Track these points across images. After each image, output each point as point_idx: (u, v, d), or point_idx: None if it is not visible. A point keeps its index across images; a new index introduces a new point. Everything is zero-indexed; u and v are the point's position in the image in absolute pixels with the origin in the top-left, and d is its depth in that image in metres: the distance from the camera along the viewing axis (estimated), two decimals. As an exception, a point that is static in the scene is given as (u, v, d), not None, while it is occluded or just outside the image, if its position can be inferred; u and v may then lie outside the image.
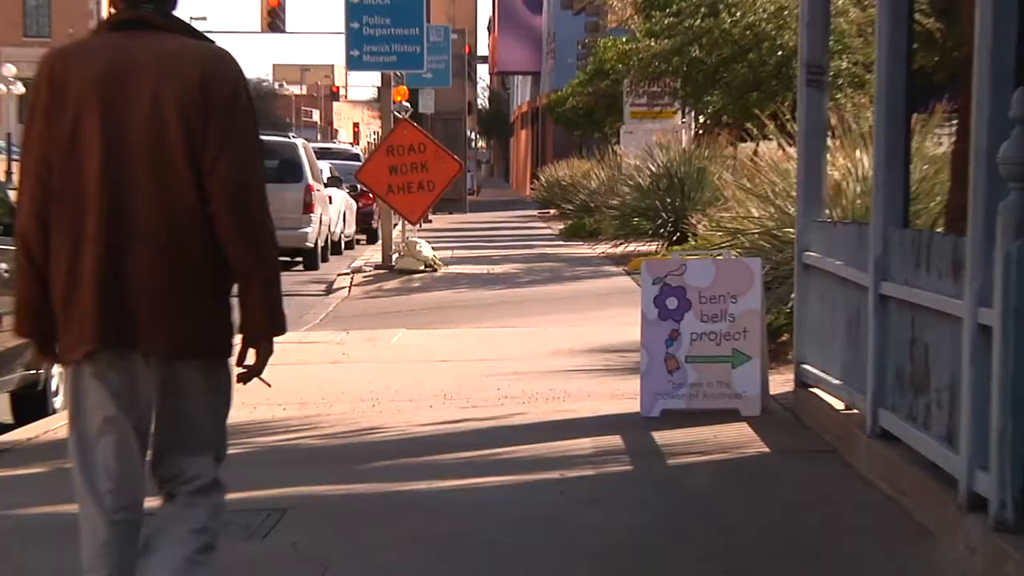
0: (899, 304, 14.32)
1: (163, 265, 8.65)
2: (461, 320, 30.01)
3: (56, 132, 8.51)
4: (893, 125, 15.73)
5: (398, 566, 12.33)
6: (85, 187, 8.47)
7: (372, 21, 35.76)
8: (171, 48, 8.76)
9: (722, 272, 19.00)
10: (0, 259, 18.58)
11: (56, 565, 12.58)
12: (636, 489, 15.49)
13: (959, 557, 11.68)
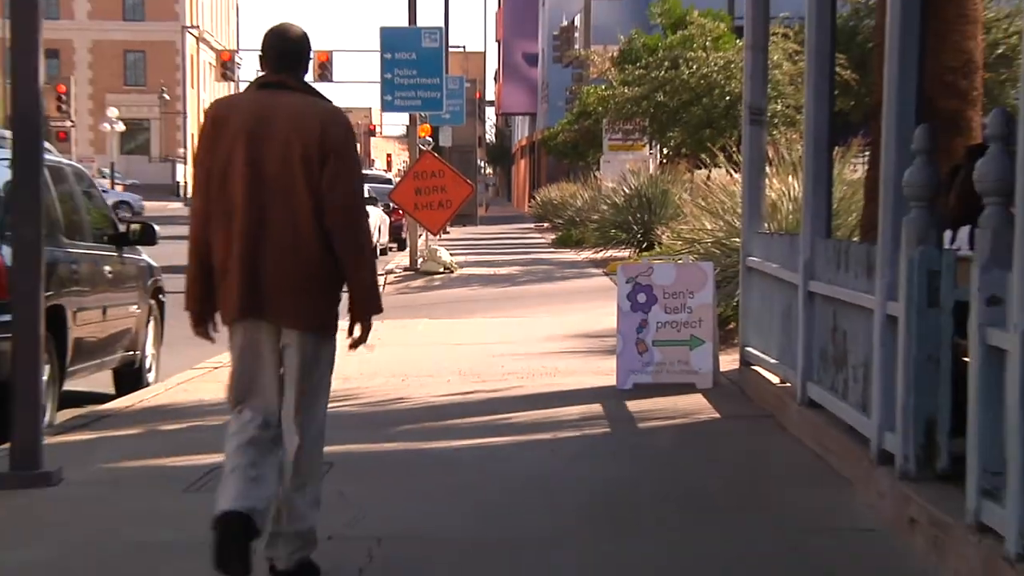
0: (823, 299, 14.40)
1: (285, 263, 10.03)
2: (473, 312, 30.08)
3: (215, 160, 10.01)
4: (818, 156, 15.81)
5: (422, 510, 12.37)
6: (233, 203, 9.93)
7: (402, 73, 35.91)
8: (299, 105, 10.19)
9: (682, 273, 19.12)
10: (103, 262, 18.62)
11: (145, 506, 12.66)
12: (613, 447, 15.65)
13: (872, 501, 11.77)
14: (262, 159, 9.98)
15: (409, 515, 12.07)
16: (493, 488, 13.51)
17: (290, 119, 10.04)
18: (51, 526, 11.89)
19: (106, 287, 18.65)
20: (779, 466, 13.99)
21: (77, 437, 15.51)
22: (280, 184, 9.99)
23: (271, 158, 9.98)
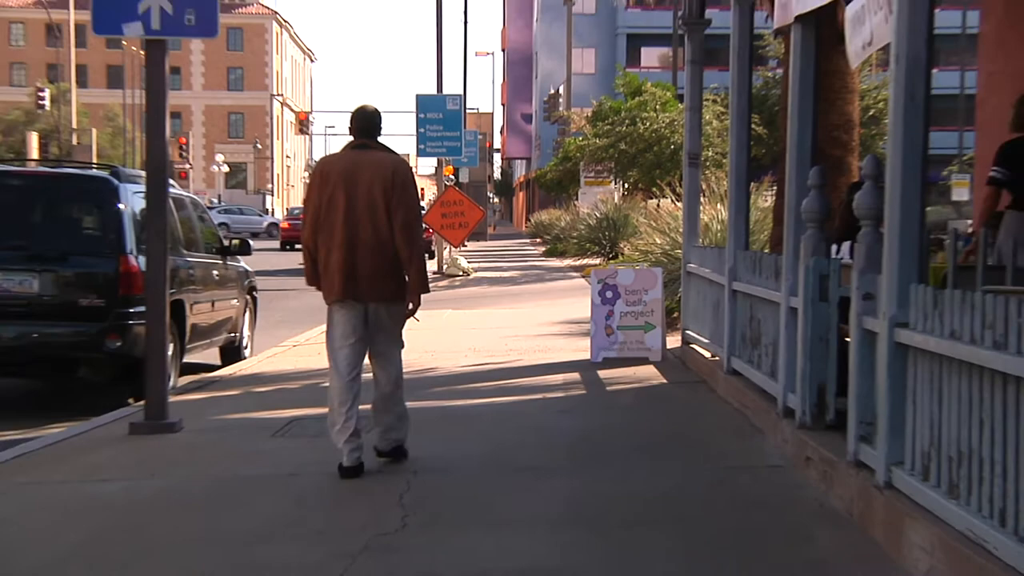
0: (743, 295, 14.36)
1: (372, 260, 11.47)
2: (484, 304, 29.96)
3: (322, 196, 11.53)
4: (739, 189, 15.78)
5: (448, 450, 12.43)
6: (335, 222, 11.48)
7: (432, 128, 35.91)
8: (377, 157, 11.76)
9: (639, 276, 19.05)
10: (212, 268, 18.66)
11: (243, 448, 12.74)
12: (588, 404, 15.65)
13: (778, 445, 11.79)
14: (355, 195, 11.39)
15: (438, 454, 12.08)
16: (501, 434, 13.53)
17: (372, 167, 11.50)
18: (174, 463, 11.93)
19: (214, 286, 18.62)
20: (711, 419, 13.97)
21: (193, 397, 15.52)
22: (367, 211, 11.37)
23: (360, 194, 11.40)
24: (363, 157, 11.62)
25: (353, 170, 11.46)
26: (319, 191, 11.50)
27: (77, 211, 16.58)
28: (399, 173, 11.57)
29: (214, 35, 14.37)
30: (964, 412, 7.50)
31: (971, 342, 7.32)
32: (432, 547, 8.85)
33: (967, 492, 7.43)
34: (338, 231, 11.31)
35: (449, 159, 39.90)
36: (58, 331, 15.79)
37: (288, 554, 8.63)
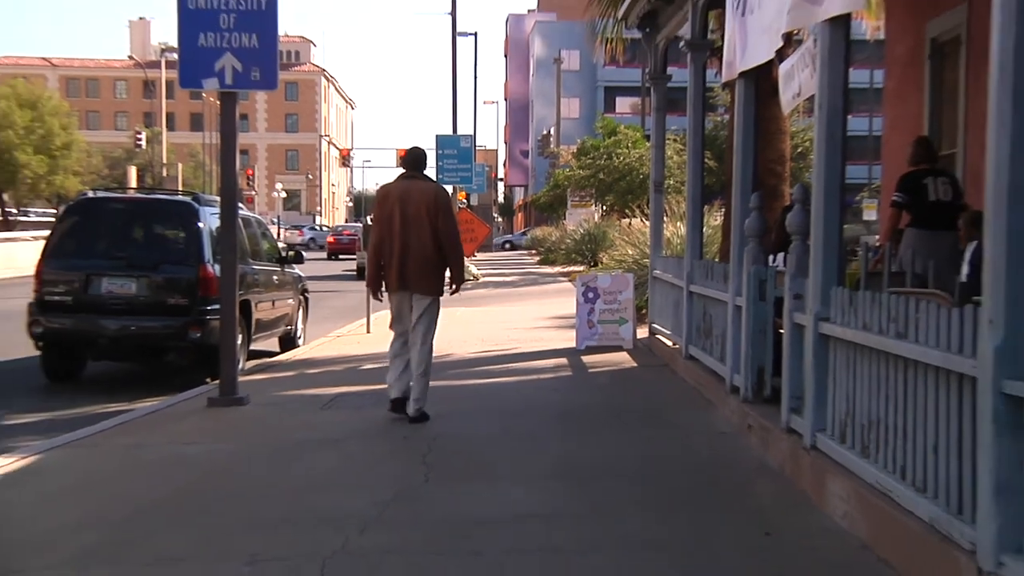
0: (698, 295, 14.30)
1: (419, 264, 12.31)
2: (490, 303, 29.79)
3: (383, 214, 12.47)
4: (694, 211, 15.78)
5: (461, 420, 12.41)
6: (393, 235, 12.36)
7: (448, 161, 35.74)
8: (423, 185, 12.60)
9: (614, 280, 18.96)
10: (272, 274, 18.65)
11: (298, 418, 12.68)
12: (573, 383, 15.58)
13: (726, 415, 11.76)
14: (406, 213, 12.26)
15: (454, 423, 12.08)
16: (503, 407, 13.46)
17: (419, 192, 12.38)
18: (243, 430, 11.92)
19: (274, 288, 18.60)
20: (672, 394, 13.93)
21: (258, 377, 15.48)
22: (416, 225, 12.25)
23: (411, 213, 12.25)
24: (413, 185, 12.51)
25: (405, 195, 12.34)
26: (380, 208, 12.59)
27: (166, 229, 16.68)
28: (440, 198, 12.57)
29: (274, 88, 14.46)
30: (873, 388, 7.51)
31: (879, 332, 7.33)
32: (448, 497, 8.85)
33: (875, 452, 7.45)
34: (395, 241, 12.27)
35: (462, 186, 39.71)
36: (151, 324, 15.88)
37: (335, 501, 8.65)
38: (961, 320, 6.12)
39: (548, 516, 8.22)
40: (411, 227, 12.16)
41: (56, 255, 16.23)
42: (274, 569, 6.99)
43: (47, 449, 10.97)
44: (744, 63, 11.12)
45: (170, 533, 7.97)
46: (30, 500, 9.08)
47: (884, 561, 6.91)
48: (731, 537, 7.69)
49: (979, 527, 5.74)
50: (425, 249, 12.16)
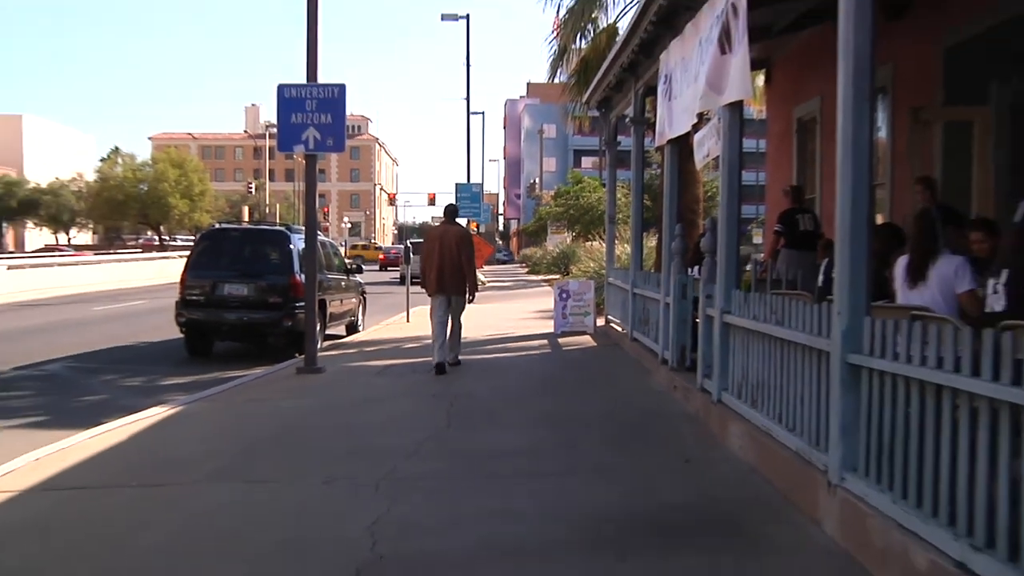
0: (639, 296, 14.24)
1: (453, 276, 13.22)
2: (493, 301, 29.50)
3: (429, 245, 13.39)
4: (637, 236, 15.67)
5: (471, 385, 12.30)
6: (434, 257, 13.24)
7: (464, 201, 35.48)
8: (455, 229, 13.62)
9: (581, 285, 18.88)
10: (341, 280, 18.59)
11: (360, 381, 12.58)
12: (551, 358, 15.41)
13: (659, 380, 11.67)
14: (444, 245, 13.29)
15: (467, 387, 12.00)
16: (502, 375, 13.44)
17: (453, 233, 13.47)
18: (321, 390, 11.87)
19: (342, 291, 18.56)
20: (621, 365, 13.83)
21: (331, 353, 15.46)
22: (449, 254, 13.25)
23: (446, 245, 13.28)
24: (449, 228, 13.67)
25: (445, 234, 13.48)
26: (428, 243, 13.60)
27: (268, 250, 16.71)
28: (465, 237, 13.62)
29: (342, 151, 14.80)
30: (760, 360, 7.55)
31: (764, 321, 7.37)
32: (462, 438, 8.90)
33: (761, 404, 7.48)
34: (435, 261, 13.30)
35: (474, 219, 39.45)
36: (258, 316, 16.06)
37: (386, 440, 8.65)
38: (820, 313, 6.18)
39: (535, 451, 8.25)
40: (447, 255, 13.31)
41: (194, 268, 16.62)
42: (342, 486, 7.02)
43: (189, 402, 11.10)
44: (671, 134, 11.12)
45: (271, 461, 8.05)
46: (179, 436, 9.17)
47: (767, 479, 6.94)
48: (661, 462, 7.72)
49: (830, 454, 5.79)
50: (456, 268, 13.35)
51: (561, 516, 6.17)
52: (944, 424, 4.57)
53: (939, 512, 4.58)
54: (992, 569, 4.10)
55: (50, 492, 7.06)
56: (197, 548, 5.73)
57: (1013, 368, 4.03)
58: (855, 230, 5.71)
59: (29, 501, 6.82)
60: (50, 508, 6.64)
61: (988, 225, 7.05)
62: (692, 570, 5.20)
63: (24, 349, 16.94)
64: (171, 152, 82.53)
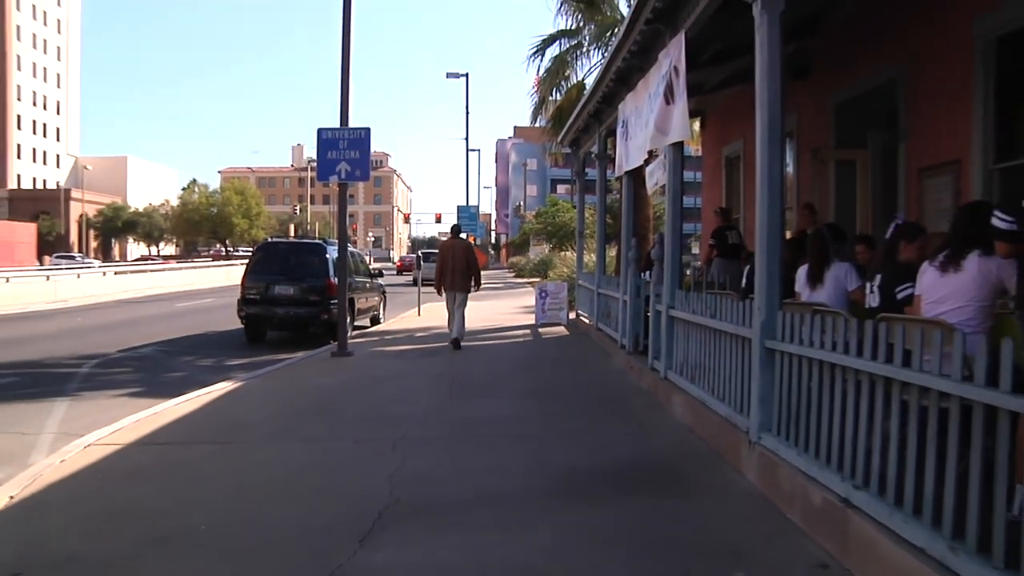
0: (603, 295, 14.23)
1: (460, 277, 14.05)
2: (486, 299, 29.23)
3: (444, 255, 14.21)
4: (601, 248, 15.70)
5: (465, 367, 12.28)
6: (446, 264, 14.09)
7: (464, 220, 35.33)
8: (461, 242, 14.50)
9: (557, 286, 18.77)
10: (366, 282, 18.46)
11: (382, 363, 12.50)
12: (532, 344, 15.34)
13: (619, 362, 11.65)
14: (454, 255, 14.20)
15: (466, 367, 11.98)
16: (492, 358, 13.39)
17: (460, 245, 14.39)
18: (351, 369, 11.80)
19: (367, 291, 18.44)
20: (589, 350, 13.77)
21: (358, 340, 15.38)
22: (457, 260, 14.14)
23: (456, 255, 14.20)
24: (457, 241, 14.67)
25: (454, 246, 14.48)
26: (442, 253, 14.54)
27: (309, 258, 16.59)
28: (469, 248, 14.72)
29: (367, 180, 14.77)
30: (698, 345, 7.59)
31: (701, 315, 7.41)
32: (461, 407, 8.89)
33: (699, 381, 7.52)
34: (448, 266, 14.21)
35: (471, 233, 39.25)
36: (301, 311, 15.97)
37: (401, 409, 8.65)
38: (743, 308, 6.23)
39: (519, 418, 8.26)
40: (457, 261, 14.33)
41: (252, 273, 16.54)
42: (368, 445, 7.04)
43: (248, 378, 11.03)
44: (627, 167, 11.15)
45: (313, 425, 8.06)
46: (241, 405, 9.14)
47: (701, 439, 6.98)
48: (619, 427, 7.76)
49: (751, 419, 5.84)
50: (461, 271, 14.33)
51: (540, 470, 6.20)
52: (836, 394, 4.64)
53: (831, 461, 4.65)
54: (867, 501, 4.18)
55: (147, 447, 7.13)
56: (258, 490, 5.80)
57: (886, 350, 4.13)
58: (770, 243, 5.78)
59: (131, 453, 6.91)
60: (148, 458, 6.72)
61: (868, 239, 7.30)
62: (645, 509, 5.25)
63: (125, 336, 17.02)
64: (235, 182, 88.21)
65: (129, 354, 14.52)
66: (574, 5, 20.41)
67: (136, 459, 6.69)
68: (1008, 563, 3.20)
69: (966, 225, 4.72)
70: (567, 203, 60.47)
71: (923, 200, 8.82)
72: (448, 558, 4.45)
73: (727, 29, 8.60)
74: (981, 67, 7.75)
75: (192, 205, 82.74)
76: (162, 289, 36.52)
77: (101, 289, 32.66)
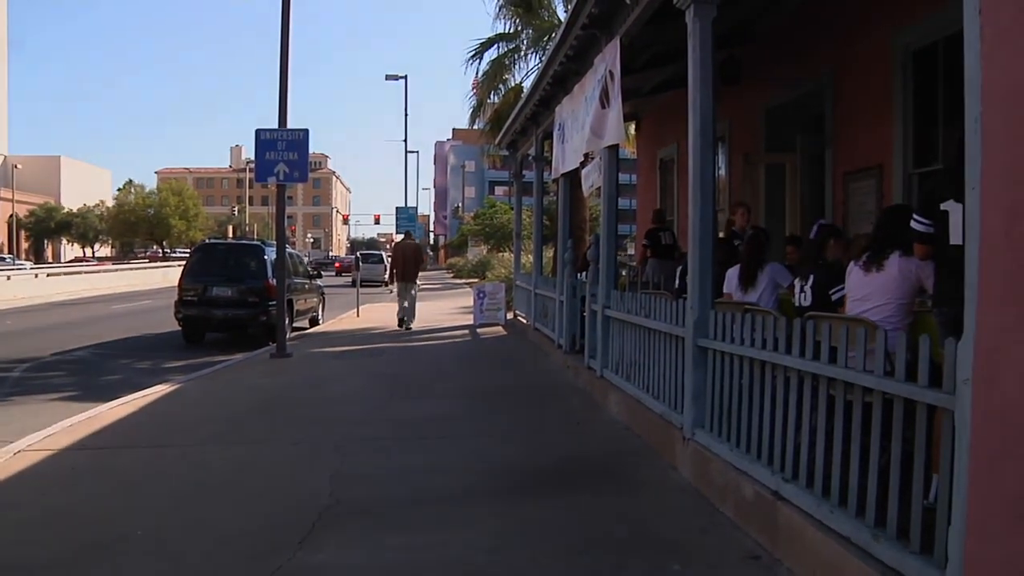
0: (540, 295, 14.20)
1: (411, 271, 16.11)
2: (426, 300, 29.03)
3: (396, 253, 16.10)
4: (538, 248, 15.78)
5: (407, 365, 12.22)
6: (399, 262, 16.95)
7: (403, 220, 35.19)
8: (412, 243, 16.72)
9: (495, 287, 18.85)
10: (304, 283, 18.20)
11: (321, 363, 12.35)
12: (472, 343, 15.32)
13: (556, 361, 11.65)
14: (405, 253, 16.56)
15: (406, 367, 11.94)
16: (432, 358, 13.33)
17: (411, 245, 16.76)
18: (291, 370, 11.66)
19: (306, 292, 18.16)
20: (526, 349, 13.79)
21: (297, 341, 15.19)
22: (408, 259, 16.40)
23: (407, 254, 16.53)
24: (408, 242, 17.26)
25: (407, 246, 17.17)
26: (395, 251, 17.28)
27: (248, 260, 16.32)
28: (417, 248, 17.28)
29: (306, 182, 14.59)
30: (632, 344, 7.65)
31: (635, 314, 7.48)
32: (402, 407, 8.84)
33: (634, 378, 7.58)
34: (399, 263, 16.88)
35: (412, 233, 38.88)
36: (240, 312, 15.71)
37: (342, 410, 8.60)
38: (677, 307, 6.31)
39: (459, 417, 8.25)
40: (409, 258, 17.10)
41: (189, 274, 16.27)
42: (308, 446, 6.96)
43: (186, 380, 10.82)
44: (564, 169, 11.21)
45: (252, 426, 7.93)
46: (179, 407, 8.98)
47: (638, 435, 7.05)
48: (557, 425, 7.78)
49: (685, 415, 5.91)
50: (411, 266, 17.03)
51: (480, 469, 6.20)
52: (767, 390, 4.73)
53: (762, 455, 4.74)
54: (796, 493, 4.26)
55: (82, 451, 6.94)
56: (196, 493, 5.69)
57: (813, 347, 4.23)
58: (703, 244, 5.87)
59: (65, 458, 6.72)
60: (83, 463, 6.54)
61: (797, 240, 7.45)
62: (583, 505, 5.28)
63: (59, 339, 16.50)
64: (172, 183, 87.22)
65: (63, 357, 14.11)
66: (512, 9, 20.46)
67: (70, 464, 6.51)
68: (923, 548, 3.31)
69: (888, 227, 4.86)
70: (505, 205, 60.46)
71: (848, 203, 9.06)
72: (388, 558, 4.42)
73: (662, 35, 8.71)
74: (900, 78, 8.01)
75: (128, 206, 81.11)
76: (98, 291, 35.42)
77: (33, 291, 31.70)
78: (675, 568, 4.21)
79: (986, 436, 2.86)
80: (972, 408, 2.93)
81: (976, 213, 2.89)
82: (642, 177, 18.13)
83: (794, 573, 4.08)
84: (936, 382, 3.26)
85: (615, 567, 4.26)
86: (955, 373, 3.06)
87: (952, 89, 6.97)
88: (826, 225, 5.73)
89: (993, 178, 2.81)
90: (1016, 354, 2.70)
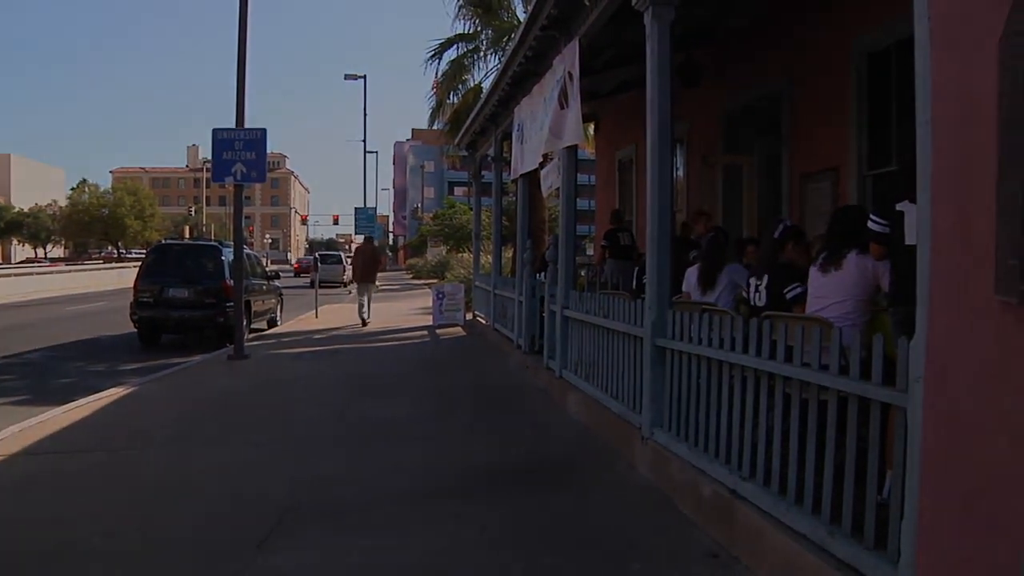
0: (499, 295, 14.20)
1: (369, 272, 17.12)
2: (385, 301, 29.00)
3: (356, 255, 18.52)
4: (497, 249, 15.79)
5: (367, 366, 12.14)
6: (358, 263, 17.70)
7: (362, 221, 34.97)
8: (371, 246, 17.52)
9: (454, 288, 18.85)
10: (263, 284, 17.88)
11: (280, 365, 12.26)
12: (431, 344, 15.28)
13: (516, 361, 11.65)
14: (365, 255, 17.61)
15: (365, 368, 11.88)
16: (391, 359, 13.26)
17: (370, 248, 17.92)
18: (249, 372, 11.54)
19: (264, 293, 17.94)
20: (486, 350, 13.82)
21: (255, 343, 15.05)
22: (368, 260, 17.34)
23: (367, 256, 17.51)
24: (367, 244, 18.42)
25: (367, 249, 18.35)
26: (356, 254, 18.58)
27: (204, 261, 16.11)
28: (377, 250, 18.36)
29: (264, 182, 14.50)
30: (591, 344, 7.68)
31: (594, 315, 7.50)
32: (361, 409, 8.78)
33: (593, 378, 7.60)
34: (359, 264, 18.02)
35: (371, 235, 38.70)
36: (196, 314, 15.48)
37: (303, 411, 8.55)
38: (635, 307, 6.34)
39: (419, 418, 8.23)
40: (368, 260, 18.23)
41: (145, 275, 16.00)
42: (267, 448, 6.90)
43: (142, 383, 10.63)
44: (523, 169, 11.22)
45: (211, 427, 7.85)
46: (135, 410, 8.83)
47: (597, 435, 7.06)
48: (517, 425, 7.79)
49: (643, 415, 5.95)
50: (370, 267, 18.18)
51: (440, 470, 6.18)
52: (724, 389, 4.77)
53: (719, 454, 4.78)
54: (753, 492, 4.30)
55: (34, 456, 6.78)
56: (153, 497, 5.59)
57: (770, 347, 4.27)
58: (661, 245, 5.91)
59: (17, 463, 6.56)
60: (35, 468, 6.39)
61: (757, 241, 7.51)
62: (543, 505, 5.28)
63: (9, 341, 16.01)
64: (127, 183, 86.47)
65: (13, 360, 13.75)
66: (472, 10, 20.43)
67: (22, 469, 6.36)
68: (877, 543, 3.36)
69: (841, 226, 4.93)
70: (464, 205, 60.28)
71: (804, 204, 9.18)
72: (348, 560, 4.39)
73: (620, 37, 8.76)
74: (856, 81, 8.14)
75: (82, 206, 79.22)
76: (51, 292, 34.50)
77: (-18, 293, 31.00)
78: (635, 567, 4.23)
79: (937, 433, 2.90)
80: (924, 405, 2.97)
81: (927, 214, 2.93)
82: (601, 178, 18.22)
83: (751, 570, 4.11)
84: (890, 380, 3.31)
85: (575, 566, 4.27)
86: (908, 371, 3.11)
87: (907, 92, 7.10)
88: (790, 227, 5.79)
89: (942, 179, 2.86)
90: (965, 353, 2.74)
